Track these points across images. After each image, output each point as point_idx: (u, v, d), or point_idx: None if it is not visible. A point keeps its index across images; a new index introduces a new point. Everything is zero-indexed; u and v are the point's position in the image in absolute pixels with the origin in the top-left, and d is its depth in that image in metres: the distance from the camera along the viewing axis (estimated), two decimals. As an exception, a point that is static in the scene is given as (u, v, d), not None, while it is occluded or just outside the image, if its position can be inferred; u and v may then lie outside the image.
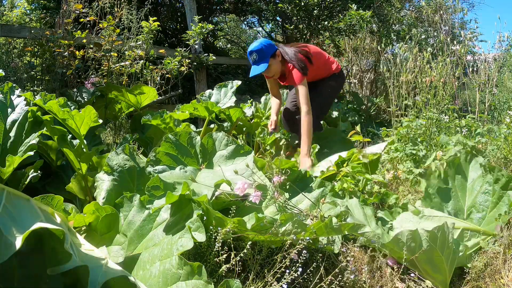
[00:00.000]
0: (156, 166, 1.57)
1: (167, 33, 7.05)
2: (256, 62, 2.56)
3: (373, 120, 4.87)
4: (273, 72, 2.64)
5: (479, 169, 1.78)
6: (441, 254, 1.32)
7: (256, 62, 2.56)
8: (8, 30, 2.88)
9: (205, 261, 1.18)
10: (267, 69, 2.56)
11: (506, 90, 3.75)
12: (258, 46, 2.55)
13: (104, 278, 0.85)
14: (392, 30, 5.19)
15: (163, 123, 2.42)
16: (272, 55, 2.58)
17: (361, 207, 1.58)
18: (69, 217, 1.26)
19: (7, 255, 0.72)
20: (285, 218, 1.22)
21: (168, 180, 1.35)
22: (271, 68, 2.59)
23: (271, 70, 2.61)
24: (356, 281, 1.31)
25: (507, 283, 1.32)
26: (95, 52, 2.86)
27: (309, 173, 1.73)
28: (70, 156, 1.69)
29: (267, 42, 2.60)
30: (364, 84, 6.06)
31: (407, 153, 2.24)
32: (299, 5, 4.90)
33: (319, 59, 2.79)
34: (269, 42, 2.61)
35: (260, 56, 2.55)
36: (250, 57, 2.59)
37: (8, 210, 0.81)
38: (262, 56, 2.55)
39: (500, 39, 3.79)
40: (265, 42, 2.60)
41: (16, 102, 1.84)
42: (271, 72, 2.63)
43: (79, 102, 2.64)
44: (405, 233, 1.32)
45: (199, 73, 4.62)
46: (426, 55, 2.95)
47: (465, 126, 2.66)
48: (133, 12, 3.16)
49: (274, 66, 2.60)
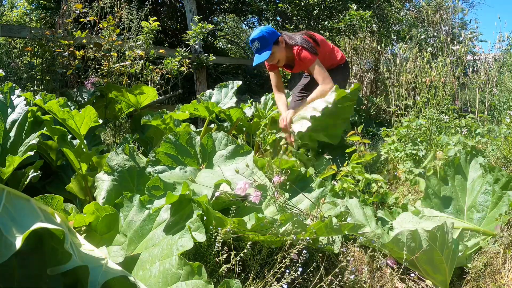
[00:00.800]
0: (156, 166, 1.58)
1: (167, 33, 7.05)
2: (258, 50, 2.48)
3: (373, 120, 4.86)
4: (277, 59, 2.55)
5: (479, 169, 1.78)
6: (441, 254, 1.32)
7: (258, 50, 2.48)
8: (8, 30, 2.88)
9: (205, 261, 1.18)
10: (271, 56, 2.48)
11: (506, 90, 3.75)
12: (259, 34, 2.46)
13: (104, 278, 0.85)
14: (392, 30, 5.19)
15: (163, 123, 2.42)
16: (275, 41, 2.49)
17: (361, 207, 1.58)
18: (69, 217, 1.26)
19: (7, 255, 0.72)
20: (285, 218, 1.22)
21: (168, 180, 1.35)
22: (275, 55, 2.51)
23: (275, 57, 2.53)
24: (356, 281, 1.31)
25: (507, 283, 1.32)
26: (95, 52, 2.86)
27: (309, 173, 1.73)
28: (70, 156, 1.69)
29: (269, 29, 2.51)
30: (364, 84, 6.06)
31: (407, 153, 2.24)
32: (299, 5, 4.90)
33: (325, 47, 2.71)
34: (271, 29, 2.52)
35: (263, 43, 2.46)
36: (252, 46, 2.51)
37: (8, 210, 0.81)
38: (264, 43, 2.46)
39: (500, 39, 3.80)
40: (266, 29, 2.51)
41: (16, 102, 1.84)
42: (275, 59, 2.54)
43: (79, 102, 2.64)
44: (405, 233, 1.32)
45: (199, 73, 4.62)
46: (426, 55, 2.96)
47: (465, 126, 2.66)
48: (133, 12, 3.17)
49: (278, 53, 2.52)
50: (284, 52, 2.55)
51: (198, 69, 4.53)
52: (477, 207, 1.69)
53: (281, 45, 2.53)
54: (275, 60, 2.55)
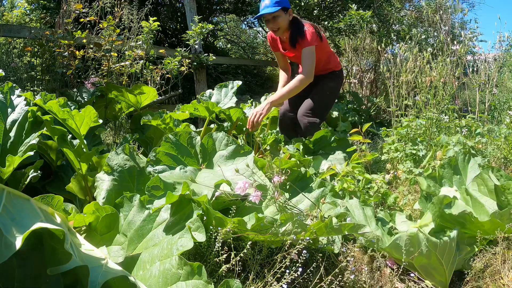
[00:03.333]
0: (156, 166, 1.57)
1: (167, 33, 7.05)
2: (266, 6, 2.46)
3: (373, 120, 4.87)
4: (278, 25, 2.51)
5: (478, 169, 1.77)
6: (441, 257, 1.31)
7: (266, 6, 2.46)
8: (8, 30, 2.88)
9: (205, 261, 1.18)
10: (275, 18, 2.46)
11: (506, 90, 3.75)
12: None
13: (104, 278, 0.85)
14: (392, 30, 5.20)
15: (163, 123, 2.42)
16: (284, 8, 2.48)
17: (361, 207, 1.58)
18: (69, 217, 1.26)
19: (7, 255, 0.72)
20: (285, 218, 1.22)
21: (168, 180, 1.35)
22: (278, 19, 2.48)
23: (277, 21, 2.49)
24: (356, 281, 1.31)
25: (507, 283, 1.31)
26: (95, 52, 2.86)
27: (309, 173, 1.73)
28: (70, 156, 1.69)
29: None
30: (364, 84, 6.06)
31: (407, 153, 2.24)
32: (299, 5, 4.90)
33: (326, 46, 2.72)
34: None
35: (273, 2, 2.44)
36: (262, 3, 2.49)
37: (8, 210, 0.81)
38: (275, 2, 2.44)
39: (500, 39, 3.80)
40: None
41: (16, 102, 1.84)
42: (277, 24, 2.50)
43: (79, 102, 2.64)
44: (403, 238, 1.31)
45: (199, 73, 4.62)
46: (426, 55, 2.95)
47: (465, 126, 2.66)
48: (133, 12, 3.16)
49: (282, 20, 2.49)
50: (287, 24, 2.54)
51: (198, 69, 4.53)
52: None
53: (287, 16, 2.52)
54: (276, 24, 2.51)
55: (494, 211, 1.40)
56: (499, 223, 1.36)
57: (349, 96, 5.16)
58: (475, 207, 1.55)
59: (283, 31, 2.57)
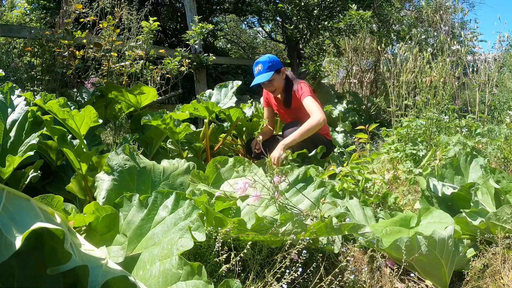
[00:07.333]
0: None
1: (167, 33, 7.05)
2: (260, 72, 2.59)
3: (373, 120, 4.87)
4: (274, 87, 2.64)
5: (480, 170, 1.77)
6: (441, 258, 1.31)
7: (260, 72, 2.59)
8: (8, 30, 2.88)
9: (205, 261, 1.18)
10: (270, 81, 2.58)
11: (506, 90, 3.75)
12: (265, 59, 2.60)
13: (104, 278, 0.85)
14: (392, 30, 5.20)
15: (163, 123, 2.41)
16: (277, 70, 2.60)
17: (361, 207, 1.58)
18: (69, 217, 1.26)
19: (7, 255, 0.72)
20: (285, 218, 1.22)
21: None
22: (274, 82, 2.61)
23: (274, 84, 2.62)
24: (356, 281, 1.31)
25: (508, 283, 1.31)
26: (95, 52, 2.85)
27: (309, 173, 1.73)
28: (70, 156, 1.69)
29: (275, 58, 2.64)
30: (364, 84, 6.06)
31: (407, 153, 2.24)
32: (299, 5, 4.90)
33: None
34: (277, 59, 2.65)
35: (265, 67, 2.58)
36: (255, 69, 2.62)
37: (8, 210, 0.81)
38: (267, 68, 2.58)
39: (500, 39, 3.80)
40: (272, 56, 2.65)
41: (16, 102, 1.84)
42: (273, 86, 2.64)
43: (79, 102, 2.64)
44: (404, 239, 1.31)
45: (199, 73, 4.62)
46: (426, 55, 2.96)
47: (465, 126, 2.66)
48: (133, 12, 3.16)
49: (277, 82, 2.62)
50: (282, 84, 2.66)
51: (198, 69, 4.53)
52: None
53: (281, 76, 2.65)
54: (273, 87, 2.64)
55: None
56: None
57: (349, 96, 5.16)
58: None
59: (280, 91, 2.71)
